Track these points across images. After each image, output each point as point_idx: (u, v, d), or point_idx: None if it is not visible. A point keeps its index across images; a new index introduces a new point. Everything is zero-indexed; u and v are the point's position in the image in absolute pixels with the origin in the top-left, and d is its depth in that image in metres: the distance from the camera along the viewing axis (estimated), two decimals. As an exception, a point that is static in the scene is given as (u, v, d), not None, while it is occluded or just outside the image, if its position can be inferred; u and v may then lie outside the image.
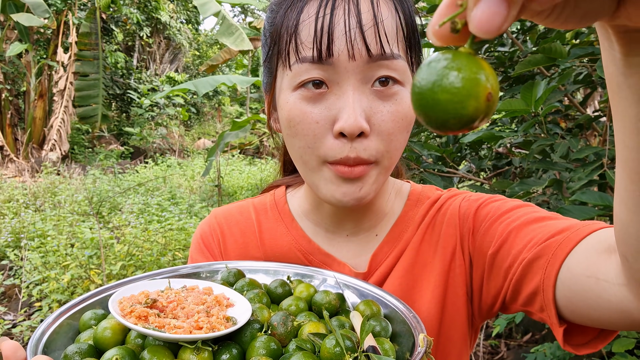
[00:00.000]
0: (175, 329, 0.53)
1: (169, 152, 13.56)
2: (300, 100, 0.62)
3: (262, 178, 8.55)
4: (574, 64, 1.69)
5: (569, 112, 2.18)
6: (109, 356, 0.50)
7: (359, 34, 0.58)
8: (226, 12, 8.54)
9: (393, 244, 0.77)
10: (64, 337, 0.58)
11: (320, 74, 0.60)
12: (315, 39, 0.58)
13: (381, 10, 0.60)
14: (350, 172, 0.62)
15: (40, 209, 6.07)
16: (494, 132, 1.84)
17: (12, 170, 9.88)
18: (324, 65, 0.59)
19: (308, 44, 0.59)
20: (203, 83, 7.45)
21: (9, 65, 11.06)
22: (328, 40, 0.58)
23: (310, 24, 0.59)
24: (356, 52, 0.58)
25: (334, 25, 0.58)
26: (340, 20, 0.58)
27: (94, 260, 3.66)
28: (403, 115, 0.62)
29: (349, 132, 0.59)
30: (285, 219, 0.82)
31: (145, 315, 0.55)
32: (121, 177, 8.70)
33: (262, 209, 0.85)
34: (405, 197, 0.81)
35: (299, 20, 0.60)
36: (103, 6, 11.15)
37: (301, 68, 0.60)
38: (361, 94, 0.60)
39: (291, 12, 0.61)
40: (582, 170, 1.47)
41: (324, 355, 0.52)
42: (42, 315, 3.29)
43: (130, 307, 0.56)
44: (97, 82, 11.45)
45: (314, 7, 0.59)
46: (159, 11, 14.51)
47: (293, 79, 0.62)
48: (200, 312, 0.57)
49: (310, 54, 0.59)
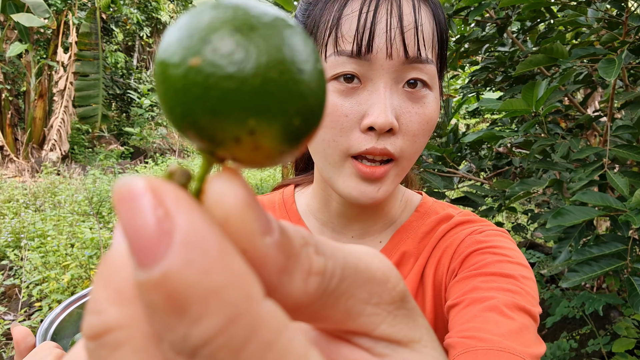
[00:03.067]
0: None
1: (169, 152, 13.55)
2: (331, 93, 0.63)
3: (262, 178, 8.55)
4: (575, 64, 1.69)
5: (569, 112, 2.18)
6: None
7: (399, 35, 0.60)
8: (226, 12, 8.55)
9: (391, 251, 0.77)
10: (73, 326, 0.59)
11: (355, 69, 0.61)
12: (357, 33, 0.60)
13: (421, 15, 0.62)
14: (372, 173, 0.62)
15: (40, 209, 6.07)
16: (494, 132, 1.83)
17: (12, 170, 9.88)
18: (361, 60, 0.61)
19: (349, 38, 0.61)
20: (203, 83, 7.44)
21: (9, 65, 11.06)
22: (369, 37, 0.59)
23: (353, 18, 0.60)
24: (394, 51, 0.60)
25: (376, 22, 0.59)
26: (383, 18, 0.60)
27: (94, 260, 3.66)
28: (428, 119, 0.64)
29: (380, 126, 0.60)
30: (292, 218, 0.82)
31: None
32: (121, 177, 8.69)
33: (270, 207, 0.85)
34: (414, 208, 0.80)
35: (342, 14, 0.61)
36: (103, 6, 11.15)
37: (338, 61, 0.62)
38: (393, 92, 0.62)
39: (332, 6, 0.63)
40: (583, 170, 1.46)
41: None
42: (42, 315, 3.29)
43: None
44: (97, 82, 11.44)
45: (357, 3, 0.61)
46: (159, 11, 14.51)
47: (327, 71, 0.63)
48: None
49: (350, 48, 0.60)
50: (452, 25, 1.99)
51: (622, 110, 2.01)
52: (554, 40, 1.72)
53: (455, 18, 2.02)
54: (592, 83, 1.97)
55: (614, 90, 1.63)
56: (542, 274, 2.83)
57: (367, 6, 0.60)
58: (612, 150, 1.45)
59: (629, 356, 2.04)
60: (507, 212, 4.42)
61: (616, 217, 1.41)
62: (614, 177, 1.38)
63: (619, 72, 1.31)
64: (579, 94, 3.43)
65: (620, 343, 2.11)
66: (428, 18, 0.63)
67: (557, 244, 1.49)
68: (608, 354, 2.26)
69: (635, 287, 1.26)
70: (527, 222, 3.19)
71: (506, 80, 2.38)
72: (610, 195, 1.33)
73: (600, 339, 2.27)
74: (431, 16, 0.64)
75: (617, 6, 1.53)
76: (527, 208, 3.02)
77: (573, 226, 1.47)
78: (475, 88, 2.72)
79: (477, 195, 2.08)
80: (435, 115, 0.65)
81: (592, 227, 1.56)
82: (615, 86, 1.65)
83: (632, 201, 1.26)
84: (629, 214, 1.23)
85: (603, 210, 1.38)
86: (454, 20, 2.02)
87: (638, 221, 1.18)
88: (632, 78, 2.03)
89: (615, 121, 1.68)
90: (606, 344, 2.23)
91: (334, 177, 0.66)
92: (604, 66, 1.35)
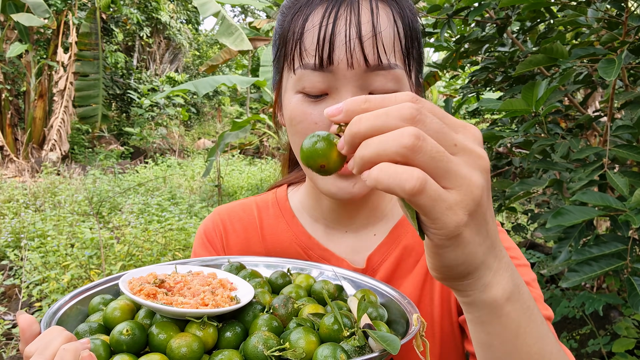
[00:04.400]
0: (182, 305, 0.56)
1: (169, 152, 13.55)
2: (301, 102, 0.66)
3: (262, 178, 8.55)
4: (575, 64, 1.69)
5: (569, 112, 2.18)
6: (120, 329, 0.53)
7: (358, 45, 0.60)
8: (226, 12, 8.54)
9: (391, 246, 0.79)
10: (74, 320, 0.61)
11: (320, 80, 0.63)
12: (318, 47, 0.61)
13: (380, 21, 0.62)
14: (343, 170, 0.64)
15: (40, 209, 6.07)
16: (494, 132, 1.83)
17: (12, 170, 9.88)
18: (324, 72, 0.63)
19: (311, 52, 0.62)
20: (203, 83, 7.44)
21: (9, 65, 11.06)
22: (329, 49, 0.61)
23: (314, 32, 0.62)
24: (355, 61, 0.61)
25: (335, 34, 0.61)
26: (342, 30, 0.61)
27: (94, 260, 3.66)
28: None
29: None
30: (286, 216, 0.86)
31: (154, 293, 0.58)
32: (121, 177, 8.70)
33: (264, 206, 0.88)
34: None
35: (304, 28, 0.63)
36: (103, 6, 11.15)
37: (304, 73, 0.64)
38: None
39: (297, 18, 0.65)
40: (583, 170, 1.47)
41: (323, 331, 0.55)
42: (42, 315, 3.28)
43: (140, 285, 0.59)
44: (97, 82, 11.44)
45: (318, 15, 0.62)
46: (159, 11, 14.51)
47: (296, 83, 0.66)
48: (205, 292, 0.60)
49: (313, 61, 0.62)
50: (452, 25, 1.99)
51: (622, 110, 2.01)
52: (554, 40, 1.72)
53: (455, 18, 2.02)
54: (592, 83, 1.97)
55: (614, 90, 1.63)
56: (542, 274, 2.83)
57: (326, 19, 0.61)
58: (612, 150, 1.45)
59: (629, 356, 2.04)
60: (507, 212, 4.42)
61: (616, 217, 1.41)
62: (614, 177, 1.38)
63: (618, 72, 1.31)
64: (579, 94, 3.43)
65: (620, 343, 2.11)
66: (389, 22, 0.63)
67: (557, 244, 1.49)
68: (608, 354, 2.26)
69: (635, 287, 1.26)
70: (527, 222, 3.19)
71: (506, 80, 2.38)
72: (610, 195, 1.33)
73: (600, 339, 2.27)
74: (392, 19, 0.64)
75: (617, 6, 1.53)
76: (527, 208, 3.02)
77: (573, 226, 1.47)
78: (475, 88, 2.72)
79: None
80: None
81: (592, 227, 1.56)
82: (615, 86, 1.65)
83: (632, 201, 1.26)
84: (629, 213, 1.23)
85: (603, 210, 1.38)
86: (453, 20, 2.02)
87: (638, 221, 1.19)
88: (632, 78, 2.03)
89: (615, 121, 1.68)
90: (606, 344, 2.23)
91: (314, 176, 0.71)
92: (604, 66, 1.35)
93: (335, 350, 0.51)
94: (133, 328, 0.53)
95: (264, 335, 0.54)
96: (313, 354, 0.52)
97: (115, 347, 0.53)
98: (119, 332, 0.53)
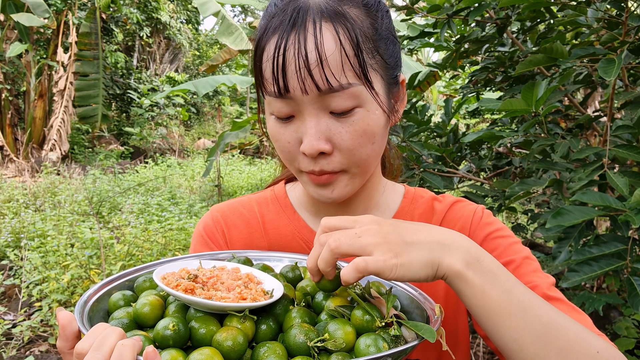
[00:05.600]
0: (223, 299, 0.58)
1: (169, 152, 13.55)
2: (275, 123, 0.72)
3: (262, 178, 8.55)
4: (575, 64, 1.69)
5: (569, 112, 2.18)
6: (165, 324, 0.54)
7: (307, 73, 0.64)
8: (226, 12, 8.54)
9: None
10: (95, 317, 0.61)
11: (284, 105, 0.69)
12: (274, 77, 0.66)
13: (325, 46, 0.64)
14: (318, 180, 0.72)
15: (40, 209, 6.07)
16: (494, 132, 1.83)
17: (12, 170, 9.88)
18: (285, 99, 0.68)
19: (270, 81, 0.67)
20: (203, 83, 7.44)
21: (9, 65, 11.06)
22: (283, 79, 0.66)
23: (270, 65, 0.67)
24: (307, 87, 0.65)
25: (287, 66, 0.65)
26: (292, 61, 0.65)
27: (94, 260, 3.66)
28: (362, 132, 0.69)
29: (309, 154, 0.68)
30: (286, 211, 0.89)
31: (192, 288, 0.59)
32: (121, 177, 8.70)
33: (263, 203, 0.91)
34: (402, 196, 0.89)
35: (262, 60, 0.68)
36: (103, 6, 11.15)
37: (270, 100, 0.70)
38: (319, 119, 0.68)
39: (259, 49, 0.69)
40: (583, 170, 1.47)
41: (356, 323, 0.58)
42: (42, 315, 3.29)
43: (176, 281, 0.60)
44: (97, 82, 11.44)
45: (272, 47, 0.66)
46: (159, 11, 14.50)
47: (267, 107, 0.72)
48: (240, 286, 0.62)
49: (273, 90, 0.67)
50: (452, 25, 1.99)
51: (622, 110, 2.01)
52: (554, 40, 1.72)
53: (455, 18, 2.02)
54: (592, 83, 1.97)
55: (613, 90, 1.63)
56: (542, 274, 2.83)
57: (277, 50, 0.65)
58: (612, 150, 1.45)
59: (629, 356, 2.04)
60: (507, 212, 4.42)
61: (616, 217, 1.41)
62: (614, 177, 1.38)
63: (618, 72, 1.31)
64: (579, 94, 3.43)
65: (620, 343, 2.11)
66: (335, 45, 0.64)
67: (557, 244, 1.49)
68: (608, 354, 2.25)
69: (635, 287, 1.26)
70: (527, 222, 3.19)
71: (506, 80, 2.38)
72: (610, 195, 1.33)
73: (600, 339, 2.26)
74: (338, 39, 0.65)
75: (617, 6, 1.53)
76: (527, 208, 3.02)
77: (573, 226, 1.47)
78: (475, 88, 2.72)
79: (477, 195, 2.08)
80: (372, 124, 0.69)
81: (592, 227, 1.56)
82: (615, 86, 1.65)
83: (631, 201, 1.26)
84: (629, 213, 1.23)
85: (603, 210, 1.38)
86: (453, 20, 2.02)
87: (638, 221, 1.19)
88: (632, 78, 2.03)
89: (615, 121, 1.68)
90: (606, 344, 2.23)
91: (301, 183, 0.77)
92: (604, 66, 1.35)
93: (377, 340, 0.54)
94: (177, 323, 0.54)
95: (304, 327, 0.56)
96: (353, 344, 0.55)
97: (160, 343, 0.54)
98: (164, 327, 0.54)
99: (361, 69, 0.66)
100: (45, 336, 3.31)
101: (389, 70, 0.72)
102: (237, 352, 0.53)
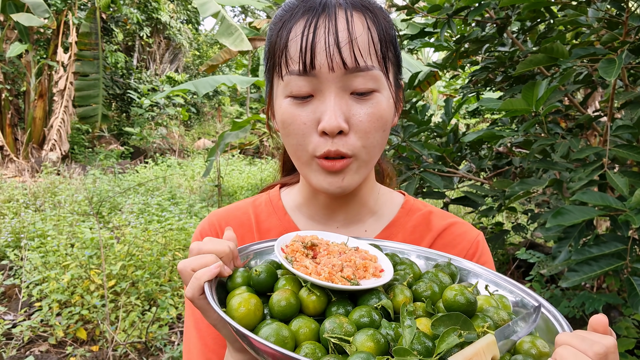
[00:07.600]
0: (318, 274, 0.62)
1: (169, 152, 13.56)
2: (290, 105, 0.73)
3: (262, 178, 8.55)
4: (575, 64, 1.69)
5: (569, 112, 2.18)
6: (279, 297, 0.60)
7: (336, 50, 0.68)
8: (226, 12, 8.54)
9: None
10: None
11: (305, 84, 0.71)
12: (301, 54, 0.69)
13: (355, 28, 0.70)
14: (332, 166, 0.73)
15: (40, 209, 6.07)
16: (494, 132, 1.83)
17: (12, 170, 9.88)
18: (308, 76, 0.70)
19: (295, 59, 0.70)
20: (203, 83, 7.44)
21: (9, 65, 11.06)
22: (311, 56, 0.69)
23: (297, 41, 0.70)
24: (334, 65, 0.69)
25: (316, 42, 0.69)
26: (321, 38, 0.69)
27: (94, 260, 3.66)
28: (379, 116, 0.72)
29: (330, 130, 0.70)
30: (277, 212, 0.92)
31: (297, 250, 0.66)
32: (121, 177, 8.70)
33: (258, 205, 0.95)
34: (399, 206, 0.91)
35: (288, 38, 0.71)
36: (103, 6, 11.15)
37: (290, 79, 0.72)
38: (340, 99, 0.71)
39: (282, 31, 0.73)
40: (583, 170, 1.47)
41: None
42: (42, 315, 3.28)
43: (293, 243, 0.68)
44: (97, 82, 11.45)
45: (300, 27, 0.71)
46: (159, 11, 14.51)
47: (285, 88, 0.73)
48: (338, 266, 0.65)
49: (297, 67, 0.70)
50: (452, 25, 1.99)
51: (622, 110, 2.01)
52: (554, 40, 1.72)
53: (455, 18, 2.02)
54: (592, 83, 1.97)
55: (614, 90, 1.63)
56: (542, 273, 2.83)
57: (307, 29, 0.70)
58: (612, 150, 1.45)
59: (629, 356, 2.04)
60: (507, 212, 4.42)
61: (616, 217, 1.41)
62: (614, 177, 1.38)
63: (619, 72, 1.31)
64: (579, 94, 3.43)
65: (620, 343, 2.11)
66: (363, 28, 0.71)
67: (557, 243, 1.49)
68: (608, 353, 2.25)
69: (635, 287, 1.26)
70: (527, 222, 3.19)
71: (506, 80, 2.38)
72: (610, 195, 1.33)
73: (600, 339, 2.26)
74: (367, 26, 0.71)
75: (617, 6, 1.53)
76: (527, 208, 3.02)
77: (573, 226, 1.47)
78: (475, 88, 2.72)
79: (477, 195, 2.08)
80: (387, 112, 0.74)
81: (592, 227, 1.56)
82: (615, 86, 1.65)
83: (631, 201, 1.26)
84: (629, 213, 1.23)
85: (603, 210, 1.38)
86: (453, 20, 2.02)
87: (638, 221, 1.19)
88: (632, 78, 2.03)
89: (615, 121, 1.68)
90: (606, 344, 2.23)
91: (307, 174, 0.77)
92: (604, 66, 1.35)
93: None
94: (288, 298, 0.60)
95: (342, 320, 0.56)
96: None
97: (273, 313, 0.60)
98: (277, 301, 0.60)
99: (383, 56, 0.72)
100: (45, 336, 3.31)
101: (398, 69, 0.78)
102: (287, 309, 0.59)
